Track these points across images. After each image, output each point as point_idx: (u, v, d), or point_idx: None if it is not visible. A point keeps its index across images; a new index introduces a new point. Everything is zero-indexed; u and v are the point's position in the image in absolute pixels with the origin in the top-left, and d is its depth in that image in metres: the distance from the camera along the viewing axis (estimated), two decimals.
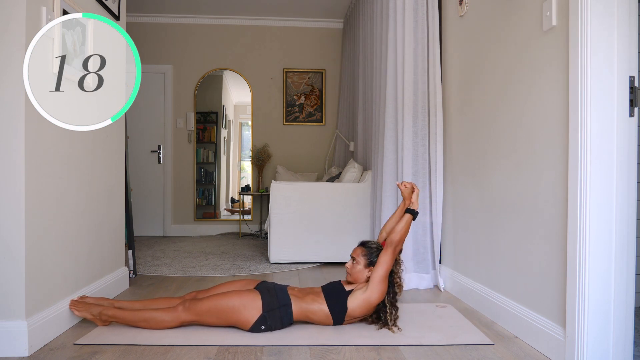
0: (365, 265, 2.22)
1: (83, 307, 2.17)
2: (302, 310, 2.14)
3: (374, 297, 2.12)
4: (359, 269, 2.23)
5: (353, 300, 2.14)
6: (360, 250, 2.26)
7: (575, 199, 1.70)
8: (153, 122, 5.69)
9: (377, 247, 2.27)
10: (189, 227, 5.73)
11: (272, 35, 5.78)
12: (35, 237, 1.92)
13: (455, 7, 2.85)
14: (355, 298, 2.14)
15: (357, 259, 2.24)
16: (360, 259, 2.24)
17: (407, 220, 2.21)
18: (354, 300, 2.14)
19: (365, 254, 2.24)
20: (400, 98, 3.09)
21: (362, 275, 2.23)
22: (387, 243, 2.16)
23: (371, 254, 2.23)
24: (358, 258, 2.24)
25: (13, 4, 1.83)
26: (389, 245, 2.15)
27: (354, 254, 2.27)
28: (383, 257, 2.15)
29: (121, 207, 2.95)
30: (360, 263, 2.23)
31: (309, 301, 2.16)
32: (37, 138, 1.93)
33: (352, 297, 2.15)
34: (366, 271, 2.22)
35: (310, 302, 2.16)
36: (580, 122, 1.68)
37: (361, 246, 2.29)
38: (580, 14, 1.68)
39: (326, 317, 2.15)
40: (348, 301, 2.14)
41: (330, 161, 5.73)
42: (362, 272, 2.23)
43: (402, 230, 2.18)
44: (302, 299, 2.17)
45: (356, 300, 2.13)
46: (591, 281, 1.67)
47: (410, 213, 2.23)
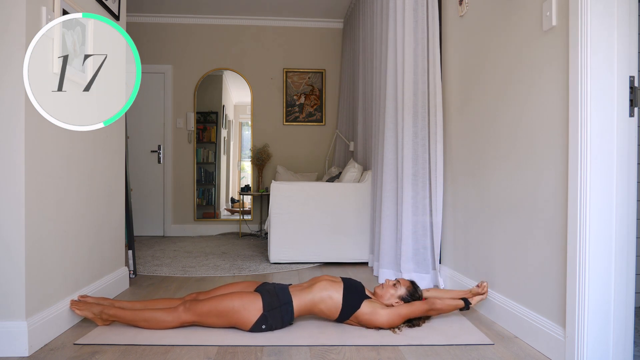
0: (400, 296, 2.25)
1: (84, 306, 2.17)
2: (307, 301, 2.15)
3: (381, 322, 2.14)
4: (392, 293, 2.25)
5: (367, 306, 2.15)
6: (408, 284, 2.29)
7: (575, 199, 1.70)
8: (153, 122, 5.69)
9: (420, 295, 2.29)
10: (189, 227, 5.73)
11: (272, 35, 5.78)
12: (35, 237, 1.92)
13: (455, 7, 2.85)
14: (370, 305, 2.16)
15: (400, 287, 2.27)
16: (402, 289, 2.26)
17: (457, 305, 2.26)
18: (368, 306, 2.15)
19: (409, 290, 2.27)
20: (400, 98, 3.09)
21: (388, 298, 2.25)
22: (429, 302, 2.21)
23: (412, 295, 2.26)
24: (401, 287, 2.27)
25: (13, 4, 1.83)
26: (429, 305, 2.19)
27: (402, 280, 2.30)
28: (419, 305, 2.19)
29: (121, 207, 2.95)
30: (399, 291, 2.25)
31: (319, 288, 2.16)
32: (37, 138, 1.93)
33: (368, 302, 2.17)
34: (394, 300, 2.24)
35: (320, 290, 2.16)
36: (580, 122, 1.68)
37: (412, 283, 2.31)
38: (580, 14, 1.68)
39: (335, 307, 2.15)
40: (363, 303, 2.16)
41: (330, 161, 5.73)
42: (392, 297, 2.25)
43: (447, 306, 2.23)
44: (309, 288, 2.18)
45: (369, 308, 2.15)
46: (591, 281, 1.67)
47: (465, 303, 2.27)
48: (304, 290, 2.17)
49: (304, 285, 2.23)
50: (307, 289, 2.18)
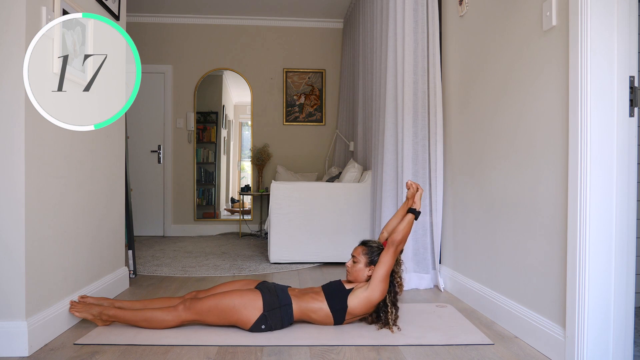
0: (366, 264, 2.22)
1: (83, 308, 2.17)
2: (303, 309, 2.15)
3: (375, 296, 2.12)
4: (359, 267, 2.23)
5: (353, 299, 2.14)
6: (361, 249, 2.27)
7: (575, 199, 1.70)
8: (153, 122, 5.69)
9: (378, 246, 2.27)
10: (189, 227, 5.73)
11: (272, 35, 5.78)
12: (35, 237, 1.92)
13: (455, 7, 2.86)
14: (355, 296, 2.14)
15: (358, 257, 2.24)
16: (361, 257, 2.24)
17: (410, 219, 2.21)
18: (354, 298, 2.14)
19: (366, 253, 2.24)
20: (400, 98, 3.09)
21: (362, 274, 2.23)
22: (389, 242, 2.17)
23: (372, 253, 2.23)
24: (359, 257, 2.24)
25: (13, 4, 1.83)
26: (391, 244, 2.15)
27: (355, 252, 2.27)
28: (384, 256, 2.15)
29: (121, 207, 2.95)
30: (361, 262, 2.23)
31: (309, 300, 2.16)
32: (37, 138, 1.93)
33: (352, 295, 2.15)
34: (367, 270, 2.22)
35: (310, 301, 2.16)
36: (580, 122, 1.68)
37: (362, 245, 2.29)
38: (580, 14, 1.68)
39: (327, 316, 2.15)
40: (348, 300, 2.14)
41: (330, 161, 5.73)
42: (362, 271, 2.23)
43: (404, 230, 2.18)
44: (302, 298, 2.17)
45: (356, 298, 2.13)
46: (591, 281, 1.67)
47: (413, 213, 2.23)
48: (299, 298, 2.17)
49: (298, 294, 2.21)
50: (301, 297, 2.18)
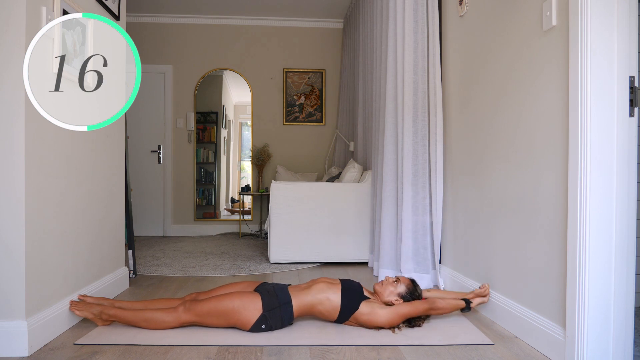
0: (399, 294, 2.24)
1: (83, 307, 2.17)
2: (306, 303, 2.14)
3: (381, 321, 2.13)
4: (392, 290, 2.24)
5: (366, 306, 2.15)
6: (408, 282, 2.29)
7: (575, 199, 1.70)
8: (153, 122, 5.69)
9: (420, 294, 2.28)
10: (189, 227, 5.73)
11: (272, 35, 5.78)
12: (35, 237, 1.92)
13: (455, 7, 2.85)
14: (368, 306, 2.15)
15: (400, 284, 2.26)
16: (402, 287, 2.25)
17: (458, 304, 2.24)
18: (366, 306, 2.15)
19: (409, 288, 2.26)
20: (400, 98, 3.09)
21: (387, 296, 2.24)
22: (430, 301, 2.20)
23: (411, 293, 2.25)
24: (401, 284, 2.26)
25: (13, 4, 1.83)
26: (429, 304, 2.18)
27: (402, 278, 2.29)
28: (418, 304, 2.18)
29: (121, 207, 2.95)
30: (399, 289, 2.25)
31: (318, 290, 2.16)
32: (37, 138, 1.93)
33: (367, 302, 2.17)
34: (394, 298, 2.23)
35: (319, 291, 2.16)
36: (580, 122, 1.68)
37: (412, 281, 2.30)
38: (580, 14, 1.68)
39: (333, 309, 2.15)
40: (362, 304, 2.15)
41: (330, 161, 5.73)
42: (391, 294, 2.24)
43: (447, 306, 2.21)
44: (308, 289, 2.17)
45: (368, 308, 2.14)
46: (591, 281, 1.67)
47: (466, 303, 2.25)
48: (303, 291, 2.17)
49: (302, 287, 2.23)
50: (306, 290, 2.18)
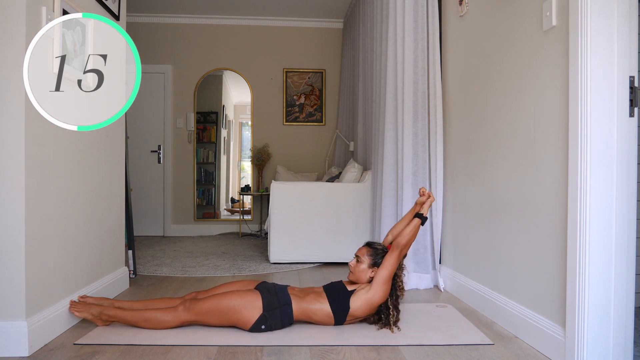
0: (370, 265, 2.22)
1: (83, 308, 2.17)
2: (303, 309, 2.14)
3: (376, 298, 2.12)
4: (362, 268, 2.23)
5: (355, 301, 2.14)
6: (365, 250, 2.26)
7: (575, 199, 1.70)
8: (153, 122, 5.69)
9: (382, 248, 2.27)
10: (189, 227, 5.73)
11: (272, 35, 5.78)
12: (35, 237, 1.92)
13: (455, 7, 2.86)
14: (357, 298, 2.14)
15: (362, 258, 2.24)
16: (365, 258, 2.24)
17: (416, 224, 2.22)
18: (356, 300, 2.14)
19: (371, 254, 2.24)
20: (400, 98, 3.09)
21: (364, 275, 2.23)
22: (394, 245, 2.17)
23: (376, 255, 2.23)
24: (363, 257, 2.24)
25: (13, 4, 1.83)
26: (396, 247, 2.15)
27: (359, 253, 2.27)
28: (389, 259, 2.15)
29: (121, 207, 2.95)
30: (365, 263, 2.23)
31: (310, 301, 2.16)
32: (37, 138, 1.93)
33: (354, 297, 2.15)
34: (369, 271, 2.22)
35: (311, 302, 2.16)
36: (580, 122, 1.68)
37: (367, 246, 2.29)
38: (580, 14, 1.68)
39: (328, 317, 2.15)
40: (350, 301, 2.14)
41: (330, 161, 5.73)
42: (365, 272, 2.23)
43: (409, 234, 2.18)
44: (303, 298, 2.17)
45: (358, 300, 2.14)
46: (591, 281, 1.67)
47: (419, 218, 2.24)
48: (300, 299, 2.17)
49: (299, 294, 2.21)
50: (303, 298, 2.18)
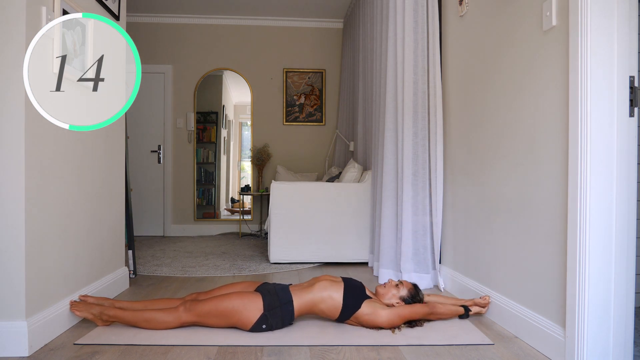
0: (401, 297, 2.26)
1: (83, 307, 2.17)
2: (307, 301, 2.14)
3: (382, 321, 2.14)
4: (394, 293, 2.27)
5: (367, 306, 2.15)
6: (410, 286, 2.31)
7: (575, 199, 1.70)
8: (153, 122, 5.69)
9: (420, 299, 2.30)
10: (189, 227, 5.73)
11: (272, 35, 5.78)
12: (35, 237, 1.92)
13: (455, 7, 2.86)
14: (370, 306, 2.16)
15: (403, 288, 2.29)
16: (404, 290, 2.28)
17: (457, 311, 2.29)
18: (368, 306, 2.16)
19: (411, 292, 2.28)
20: (400, 98, 3.09)
21: (389, 298, 2.26)
22: (430, 305, 2.24)
23: (413, 297, 2.28)
24: (404, 288, 2.29)
25: (13, 4, 1.83)
26: (429, 308, 2.22)
27: (405, 282, 2.32)
28: (419, 307, 2.21)
29: (121, 207, 2.95)
30: (401, 293, 2.27)
31: (319, 289, 2.16)
32: (37, 138, 1.93)
33: (369, 302, 2.17)
34: (395, 300, 2.25)
35: (320, 290, 2.16)
36: (580, 122, 1.68)
37: (414, 286, 2.33)
38: (580, 14, 1.68)
39: (335, 307, 2.16)
40: (363, 303, 2.16)
41: (330, 161, 5.73)
42: (393, 297, 2.26)
43: (446, 312, 2.26)
44: (309, 288, 2.18)
45: (370, 308, 2.15)
46: (591, 281, 1.67)
47: (465, 310, 2.30)
48: (305, 290, 2.17)
49: (305, 285, 2.23)
50: (308, 288, 2.18)
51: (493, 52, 2.39)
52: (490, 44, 2.42)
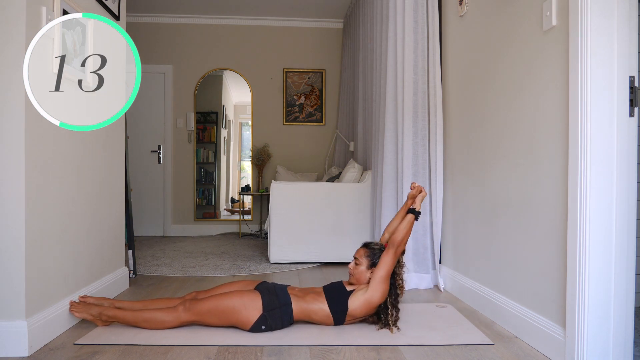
0: (368, 266, 2.22)
1: (82, 308, 2.17)
2: (303, 309, 2.14)
3: (375, 298, 2.12)
4: (361, 270, 2.23)
5: (354, 301, 2.14)
6: (363, 251, 2.26)
7: (575, 199, 1.70)
8: (153, 122, 5.69)
9: (379, 248, 2.27)
10: (189, 227, 5.73)
11: (272, 35, 5.78)
12: (35, 237, 1.92)
13: (455, 7, 2.86)
14: (356, 298, 2.14)
15: (360, 259, 2.24)
16: (363, 259, 2.24)
17: (410, 220, 2.21)
18: (354, 300, 2.14)
19: (368, 255, 2.24)
20: (400, 98, 3.09)
21: (364, 277, 2.23)
22: (389, 243, 2.17)
23: (374, 255, 2.23)
24: (361, 259, 2.24)
25: (13, 4, 1.83)
26: (391, 245, 2.15)
27: (357, 254, 2.27)
28: (385, 257, 2.15)
29: (121, 207, 2.95)
30: (363, 264, 2.23)
31: (310, 301, 2.16)
32: (37, 138, 1.93)
33: (353, 297, 2.15)
34: (368, 272, 2.22)
35: (311, 302, 2.16)
36: (580, 122, 1.68)
37: (364, 247, 2.29)
38: (580, 14, 1.68)
39: (327, 317, 2.15)
40: (349, 301, 2.14)
41: (330, 161, 5.73)
42: (364, 273, 2.22)
43: (404, 230, 2.18)
44: (303, 298, 2.17)
45: (357, 300, 2.13)
46: (591, 281, 1.67)
47: (413, 213, 2.24)
48: (300, 299, 2.17)
49: (299, 294, 2.21)
50: (302, 298, 2.18)
51: (493, 52, 2.39)
52: (490, 44, 2.42)
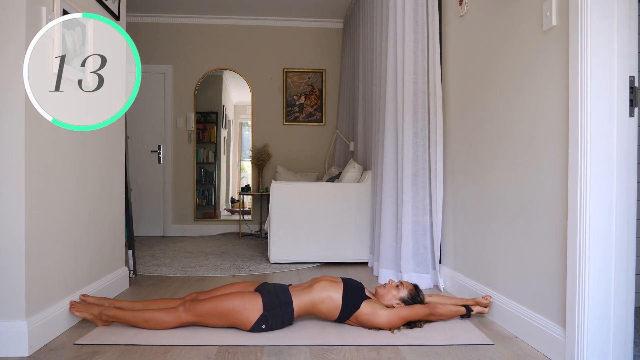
0: (401, 298, 2.25)
1: (83, 308, 2.17)
2: (307, 302, 2.14)
3: (382, 322, 2.13)
4: (394, 294, 2.25)
5: (367, 306, 2.15)
6: (411, 287, 2.30)
7: (575, 199, 1.70)
8: (153, 122, 5.69)
9: (421, 300, 2.29)
10: (189, 227, 5.73)
11: (272, 35, 5.78)
12: (35, 237, 1.92)
13: (455, 7, 2.86)
14: (370, 306, 2.15)
15: (403, 289, 2.27)
16: (405, 291, 2.27)
17: (459, 310, 2.27)
18: (368, 306, 2.15)
19: (411, 293, 2.27)
20: (400, 98, 3.09)
21: (389, 299, 2.25)
22: (431, 306, 2.22)
23: (414, 298, 2.26)
24: (404, 289, 2.27)
25: (13, 4, 1.83)
26: (431, 309, 2.20)
27: (405, 283, 2.30)
28: (419, 308, 2.19)
29: (121, 207, 2.95)
30: (401, 293, 2.26)
31: (319, 289, 2.16)
32: (37, 138, 1.93)
33: (368, 302, 2.17)
34: (395, 301, 2.24)
35: (320, 290, 2.16)
36: (580, 122, 1.68)
37: (414, 287, 2.31)
38: (580, 14, 1.68)
39: (335, 307, 2.16)
40: (363, 303, 2.16)
41: (330, 161, 5.73)
42: (393, 298, 2.25)
43: (447, 312, 2.24)
44: (309, 288, 2.18)
45: (370, 308, 2.15)
46: (591, 281, 1.67)
47: (467, 310, 2.29)
48: (304, 291, 2.17)
49: (304, 286, 2.23)
50: (307, 289, 2.18)
51: (493, 52, 2.39)
52: (490, 44, 2.42)
